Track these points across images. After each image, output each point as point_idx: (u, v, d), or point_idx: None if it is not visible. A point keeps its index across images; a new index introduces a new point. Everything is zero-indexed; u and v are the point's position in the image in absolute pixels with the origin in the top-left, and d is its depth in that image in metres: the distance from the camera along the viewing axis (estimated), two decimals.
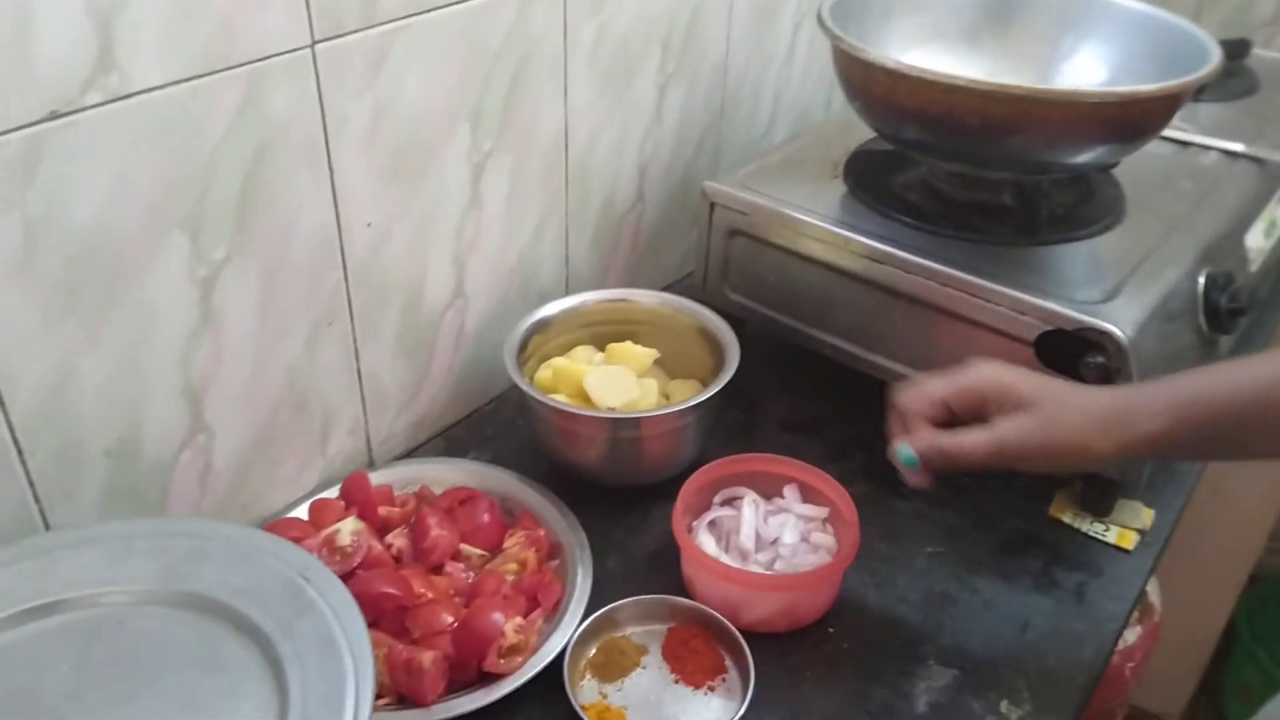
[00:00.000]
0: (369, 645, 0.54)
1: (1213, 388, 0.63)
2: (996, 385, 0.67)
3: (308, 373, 0.79)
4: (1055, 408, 0.65)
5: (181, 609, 0.57)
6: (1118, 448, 0.63)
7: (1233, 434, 0.63)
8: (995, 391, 0.67)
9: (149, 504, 0.72)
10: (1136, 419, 0.63)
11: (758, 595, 0.74)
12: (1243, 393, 0.62)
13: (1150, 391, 0.65)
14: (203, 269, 0.69)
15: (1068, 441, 0.64)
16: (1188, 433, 0.63)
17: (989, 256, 0.87)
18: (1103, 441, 0.63)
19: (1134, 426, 0.63)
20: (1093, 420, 0.64)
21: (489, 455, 0.92)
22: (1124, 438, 0.63)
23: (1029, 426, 0.65)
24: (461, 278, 0.89)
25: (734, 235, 0.97)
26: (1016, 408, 0.65)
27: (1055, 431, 0.64)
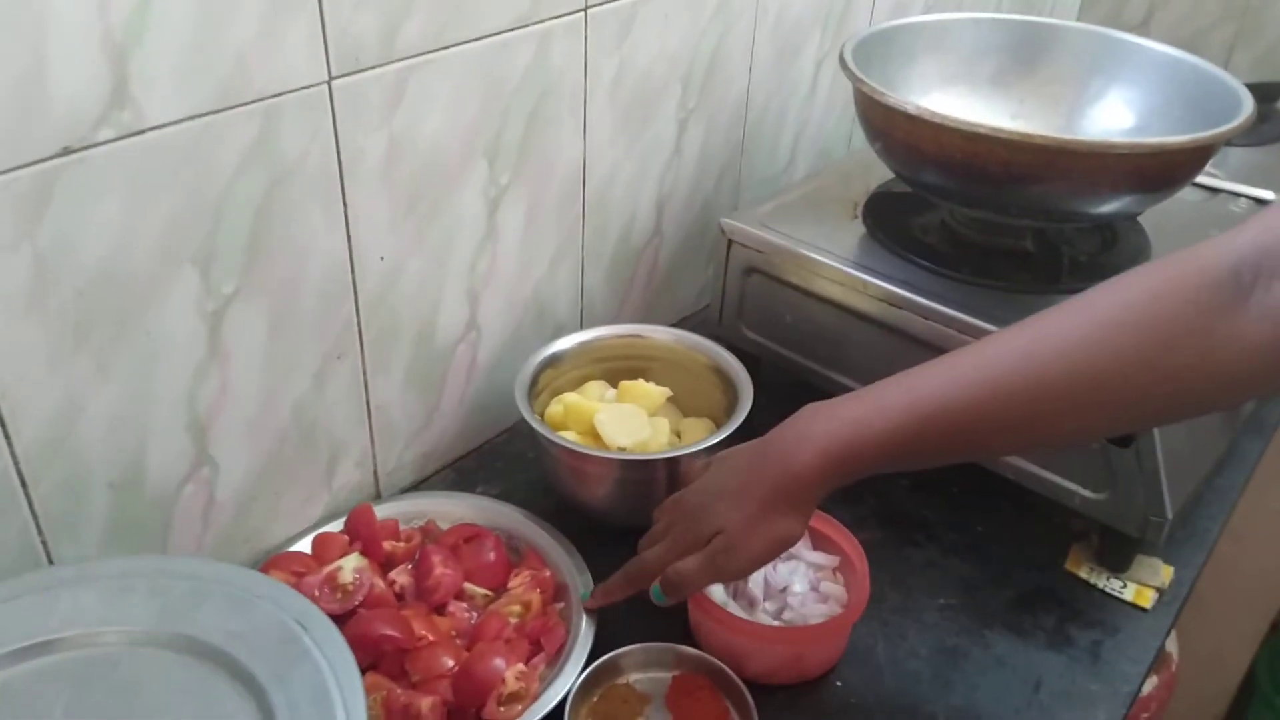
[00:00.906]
0: (363, 701, 0.53)
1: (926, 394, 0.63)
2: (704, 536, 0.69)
3: (315, 406, 0.79)
4: (742, 529, 0.67)
5: (176, 652, 0.57)
6: (806, 515, 0.67)
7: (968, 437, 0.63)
8: (704, 538, 0.69)
9: (152, 537, 0.72)
10: (808, 486, 0.66)
11: (765, 647, 0.73)
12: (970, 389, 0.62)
13: (818, 435, 0.65)
14: (212, 303, 0.68)
15: (768, 545, 0.67)
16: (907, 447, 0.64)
17: (1009, 304, 0.85)
18: (790, 521, 0.67)
19: (812, 491, 0.66)
20: (774, 513, 0.66)
21: (498, 489, 0.91)
22: (807, 505, 0.67)
23: (729, 549, 0.67)
24: (475, 311, 0.89)
25: (751, 273, 0.96)
26: (718, 536, 0.68)
27: (752, 546, 0.67)
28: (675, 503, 0.73)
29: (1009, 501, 0.91)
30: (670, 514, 0.73)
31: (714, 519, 0.68)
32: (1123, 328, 0.59)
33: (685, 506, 0.72)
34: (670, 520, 0.72)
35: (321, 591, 0.73)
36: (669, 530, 0.72)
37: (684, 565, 0.69)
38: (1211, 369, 0.57)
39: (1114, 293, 0.61)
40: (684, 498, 0.72)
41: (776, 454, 0.67)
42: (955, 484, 0.93)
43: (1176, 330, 0.57)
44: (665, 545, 0.71)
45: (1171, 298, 0.58)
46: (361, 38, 0.70)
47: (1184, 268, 0.58)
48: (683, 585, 0.69)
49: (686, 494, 0.72)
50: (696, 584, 0.69)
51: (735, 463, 0.71)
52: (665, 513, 0.73)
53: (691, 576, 0.69)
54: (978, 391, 0.62)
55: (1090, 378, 0.59)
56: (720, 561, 0.67)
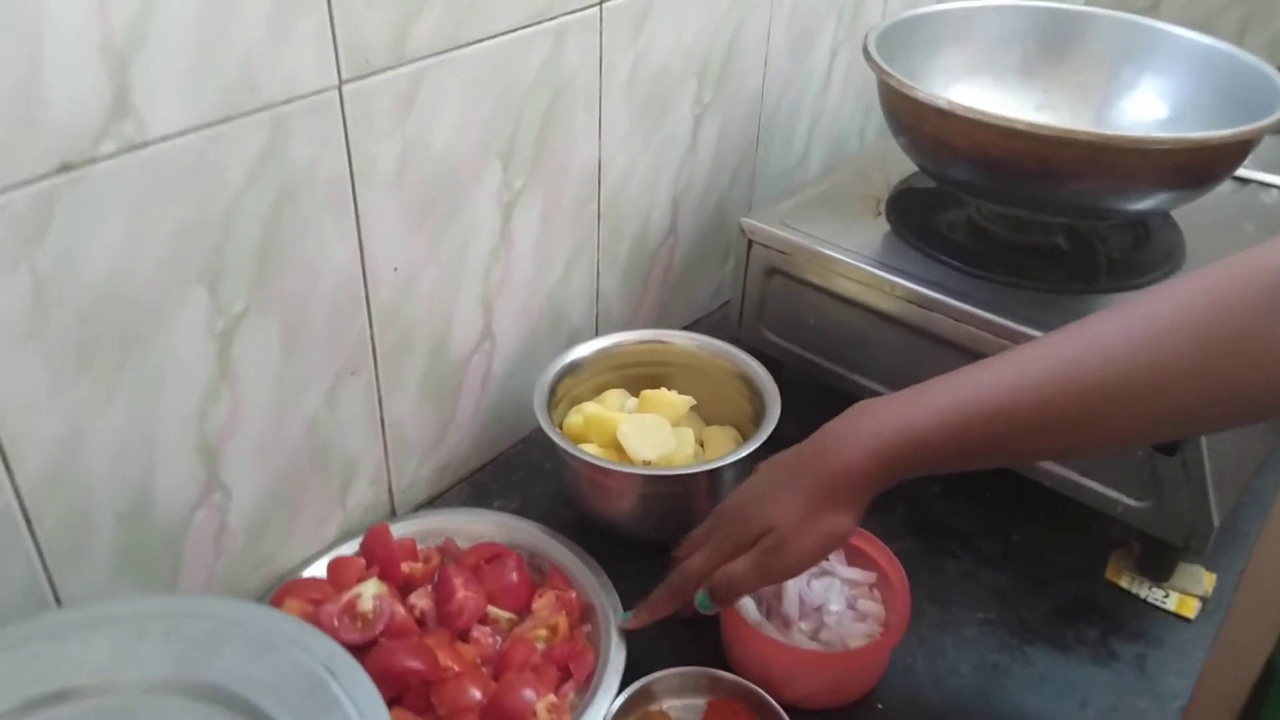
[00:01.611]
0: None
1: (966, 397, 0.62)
2: (752, 536, 0.67)
3: (328, 423, 0.75)
4: (795, 526, 0.65)
5: (196, 700, 0.53)
6: (860, 512, 0.65)
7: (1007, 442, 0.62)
8: (753, 537, 0.66)
9: (161, 567, 0.68)
10: (863, 480, 0.64)
11: (804, 671, 0.70)
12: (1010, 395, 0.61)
13: (873, 431, 0.64)
14: (221, 322, 0.65)
15: (821, 543, 0.65)
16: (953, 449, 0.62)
17: (1042, 304, 0.82)
18: (844, 518, 0.65)
19: (867, 486, 0.64)
20: (827, 510, 0.64)
21: (516, 503, 0.88)
22: (861, 501, 0.65)
23: (781, 548, 0.65)
24: (489, 319, 0.85)
25: (772, 274, 0.93)
26: (767, 535, 0.65)
27: (805, 545, 0.65)
28: (717, 511, 0.71)
29: (1043, 508, 0.88)
30: (712, 520, 0.71)
31: (761, 518, 0.66)
32: (1176, 333, 0.57)
33: (729, 509, 0.70)
34: (713, 525, 0.70)
35: (341, 621, 0.69)
36: (711, 535, 0.70)
37: (733, 568, 0.66)
38: (1268, 375, 0.55)
39: (1165, 298, 0.59)
40: (727, 503, 0.70)
41: (826, 450, 0.65)
42: (988, 490, 0.90)
43: (1231, 335, 0.55)
44: (709, 550, 0.69)
45: (1226, 304, 0.56)
46: (372, 39, 0.66)
47: (1236, 272, 0.57)
48: (733, 589, 0.67)
49: (729, 499, 0.70)
50: (747, 586, 0.67)
51: (781, 461, 0.68)
52: (706, 521, 0.71)
53: (741, 578, 0.66)
54: (1026, 396, 0.60)
55: (1142, 383, 0.57)
56: (770, 560, 0.65)
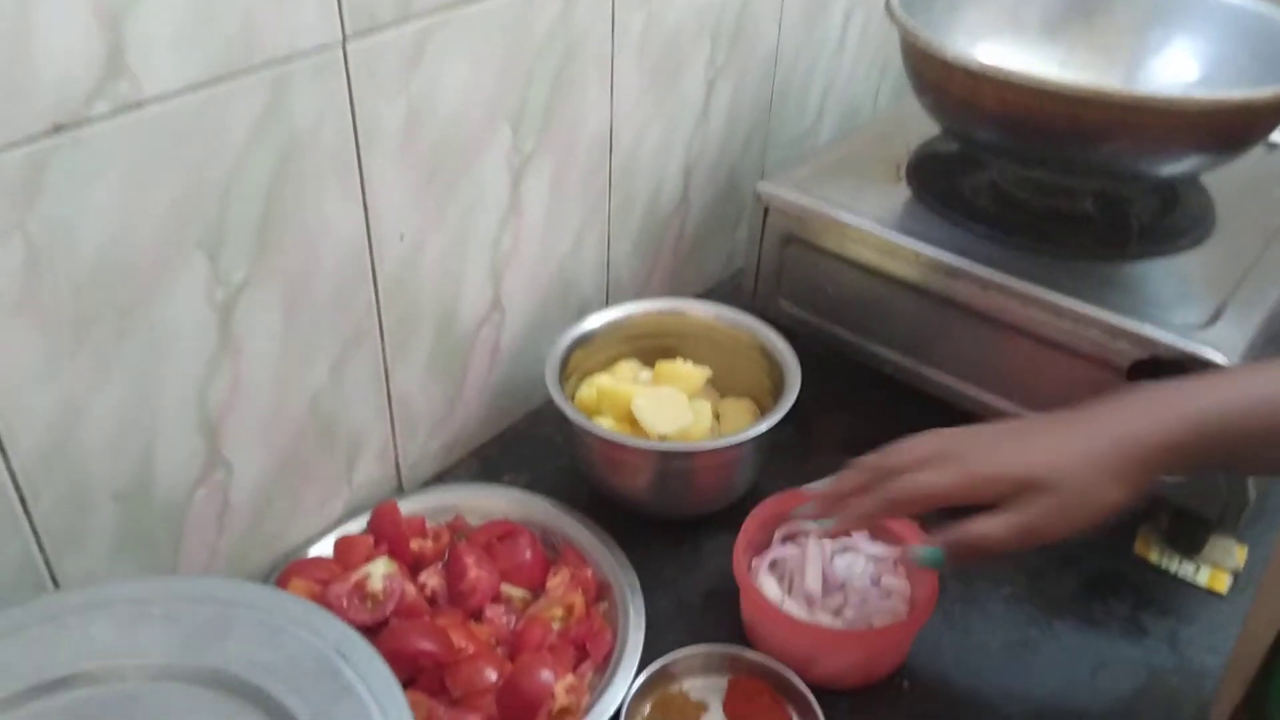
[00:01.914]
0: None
1: (1227, 400, 0.58)
2: (1010, 478, 0.59)
3: (334, 398, 0.73)
4: (1072, 484, 0.58)
5: (203, 686, 0.51)
6: (1137, 491, 0.58)
7: (1255, 449, 0.58)
8: (1010, 483, 0.59)
9: (162, 547, 0.66)
10: (1149, 454, 0.58)
11: (831, 652, 0.68)
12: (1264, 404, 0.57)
13: (1155, 412, 0.59)
14: (222, 292, 0.62)
15: (1093, 513, 0.58)
16: (1203, 451, 0.58)
17: (1071, 271, 0.80)
18: (1122, 490, 0.58)
19: (1148, 464, 0.58)
20: (1108, 475, 0.58)
21: (526, 478, 0.86)
22: (1140, 479, 0.58)
23: (1052, 508, 0.58)
24: (499, 290, 0.82)
25: (789, 242, 0.90)
26: (1033, 490, 0.58)
27: (1078, 510, 0.58)
28: (953, 434, 0.62)
29: None
30: (943, 442, 0.62)
31: (1027, 467, 0.58)
32: None
33: (978, 441, 0.61)
34: (944, 449, 0.61)
35: (350, 601, 0.67)
36: (944, 460, 0.61)
37: (988, 528, 0.58)
38: None
39: None
40: (971, 434, 0.62)
41: (1133, 411, 0.59)
42: None
43: None
44: (946, 479, 0.60)
45: None
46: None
47: None
48: (980, 551, 0.59)
49: (975, 431, 0.62)
50: (996, 550, 0.59)
51: (1060, 415, 0.61)
52: (928, 439, 0.63)
53: (996, 542, 0.58)
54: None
55: None
56: (1038, 524, 0.57)
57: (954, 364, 0.84)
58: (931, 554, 0.63)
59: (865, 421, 0.92)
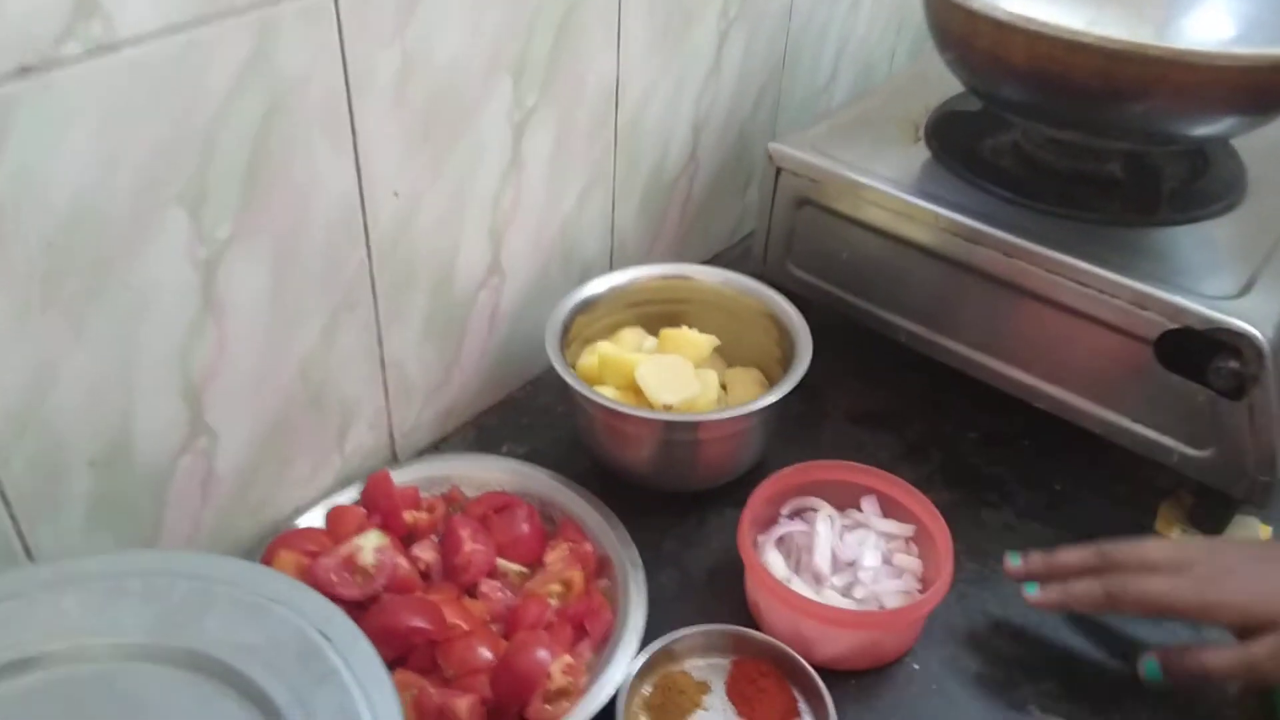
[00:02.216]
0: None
1: None
2: (1245, 611, 0.59)
3: (324, 363, 0.69)
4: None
5: (179, 668, 0.48)
6: None
7: None
8: (1244, 616, 0.59)
9: (142, 517, 0.63)
10: None
11: (836, 632, 0.65)
12: None
13: None
14: (204, 250, 0.58)
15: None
16: None
17: (1097, 238, 0.76)
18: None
19: None
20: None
21: (525, 448, 0.83)
22: None
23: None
24: (498, 252, 0.79)
25: (802, 205, 0.86)
26: (1270, 630, 0.58)
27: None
28: (1194, 546, 0.64)
29: (1088, 456, 0.83)
30: (1177, 552, 0.63)
31: (1268, 603, 0.58)
32: None
33: (1216, 559, 0.61)
34: (1180, 559, 0.62)
35: (340, 575, 0.64)
36: (1175, 568, 0.61)
37: (1213, 659, 0.59)
38: None
39: None
40: (1209, 546, 0.64)
41: None
42: (1028, 437, 0.85)
43: None
44: (1171, 585, 0.60)
45: None
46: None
47: None
48: (1199, 676, 0.61)
49: (1214, 545, 0.64)
50: (1225, 680, 0.61)
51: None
52: (1164, 546, 0.64)
53: (1217, 673, 0.60)
54: None
55: None
56: (1272, 666, 0.57)
57: (972, 334, 0.81)
58: (1150, 669, 0.63)
59: (878, 393, 0.90)
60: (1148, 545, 0.64)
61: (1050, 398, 0.78)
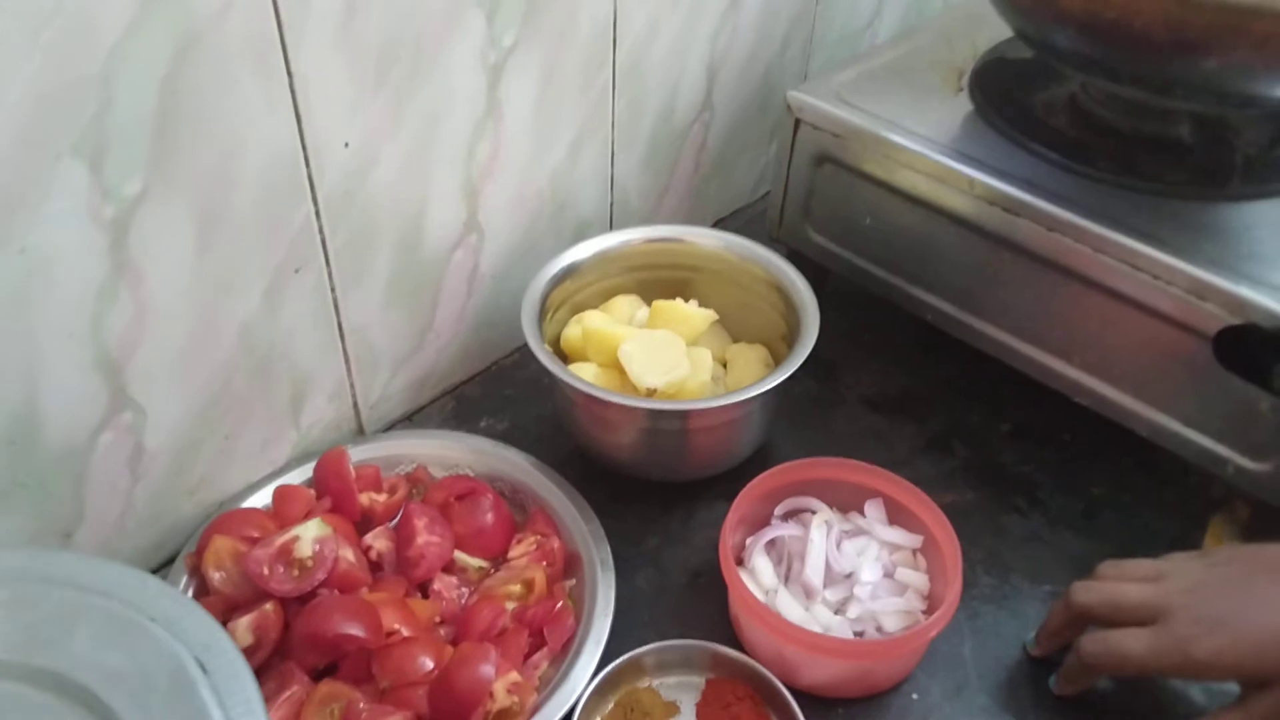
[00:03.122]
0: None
1: None
2: (1232, 670, 0.53)
3: (269, 330, 0.63)
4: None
5: (34, 688, 0.42)
6: None
7: None
8: (1232, 675, 0.53)
9: (60, 497, 0.57)
10: None
11: (823, 658, 0.58)
12: None
13: None
14: (110, 208, 0.52)
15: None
16: None
17: (1156, 212, 0.66)
18: None
19: None
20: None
21: (505, 423, 0.76)
22: None
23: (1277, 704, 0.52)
24: (474, 208, 0.71)
25: (823, 162, 0.77)
26: (1265, 688, 0.52)
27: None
28: (1172, 586, 0.55)
29: (1134, 459, 0.73)
30: (1154, 596, 0.55)
31: (1257, 658, 0.51)
32: None
33: (1197, 599, 0.54)
34: (1157, 604, 0.54)
35: (272, 569, 0.58)
36: (1152, 614, 0.54)
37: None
38: None
39: None
40: (1189, 581, 0.55)
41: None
42: (1068, 432, 0.76)
43: None
44: (1142, 643, 0.54)
45: None
46: None
47: None
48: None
49: (1196, 579, 0.55)
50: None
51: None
52: (1139, 591, 0.56)
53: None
54: None
55: None
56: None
57: (1007, 317, 0.71)
58: None
59: (899, 377, 0.81)
60: (1122, 585, 0.57)
61: (1092, 393, 0.69)
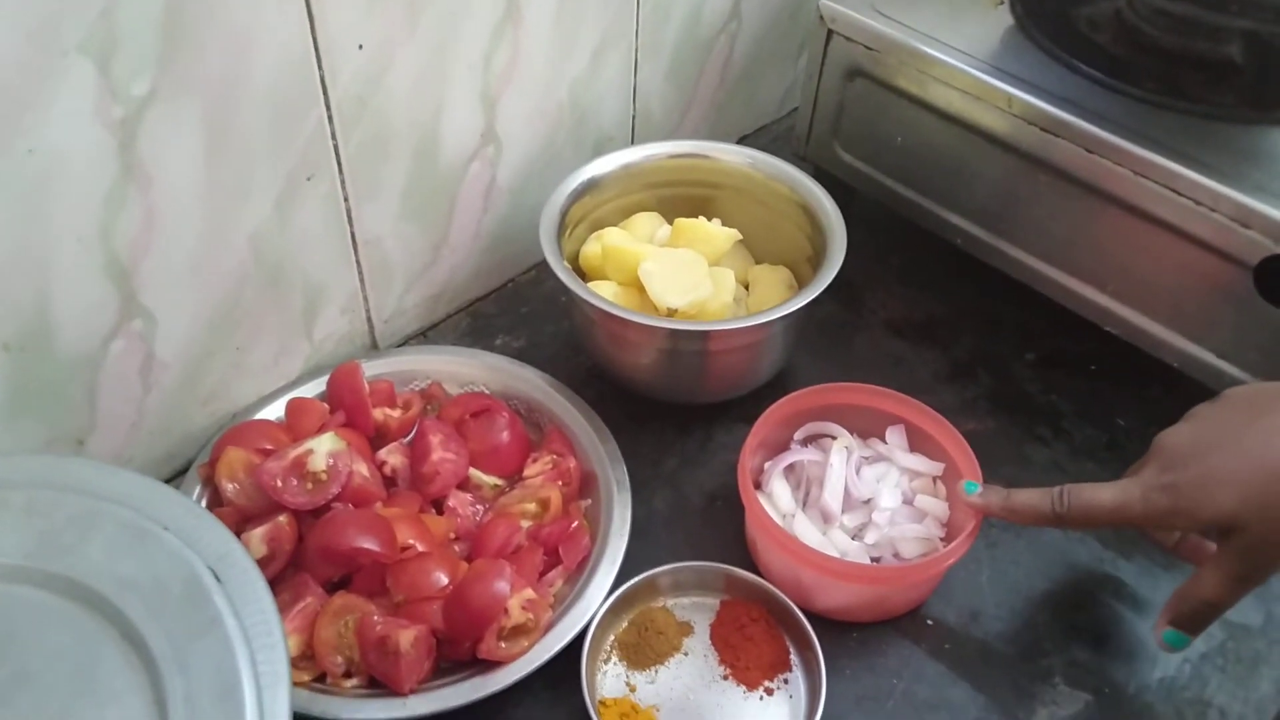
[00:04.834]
0: (286, 703, 0.38)
1: None
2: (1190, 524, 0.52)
3: (281, 240, 0.61)
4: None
5: (53, 595, 0.42)
6: None
7: None
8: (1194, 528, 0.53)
9: (72, 405, 0.57)
10: None
11: (839, 583, 0.57)
12: None
13: None
14: (119, 109, 0.50)
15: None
16: None
17: (1200, 135, 0.63)
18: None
19: None
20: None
21: (522, 341, 0.75)
22: None
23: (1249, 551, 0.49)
24: (492, 118, 0.69)
25: (854, 76, 0.74)
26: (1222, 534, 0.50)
27: None
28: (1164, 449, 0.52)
29: (1163, 389, 0.72)
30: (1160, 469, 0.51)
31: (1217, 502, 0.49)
32: None
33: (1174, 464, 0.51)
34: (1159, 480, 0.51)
35: (286, 482, 0.58)
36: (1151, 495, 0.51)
37: (1202, 590, 0.51)
38: None
39: None
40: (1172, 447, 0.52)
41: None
42: (1095, 361, 0.74)
43: None
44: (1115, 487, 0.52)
45: None
46: None
47: None
48: (1206, 617, 0.52)
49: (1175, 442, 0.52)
50: (1224, 608, 0.52)
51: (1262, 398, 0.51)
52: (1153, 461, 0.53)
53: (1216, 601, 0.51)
54: None
55: None
56: (1251, 574, 0.50)
57: (1040, 242, 0.69)
58: (1173, 638, 0.53)
59: (925, 302, 0.79)
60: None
61: (1123, 322, 0.67)
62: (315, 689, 0.53)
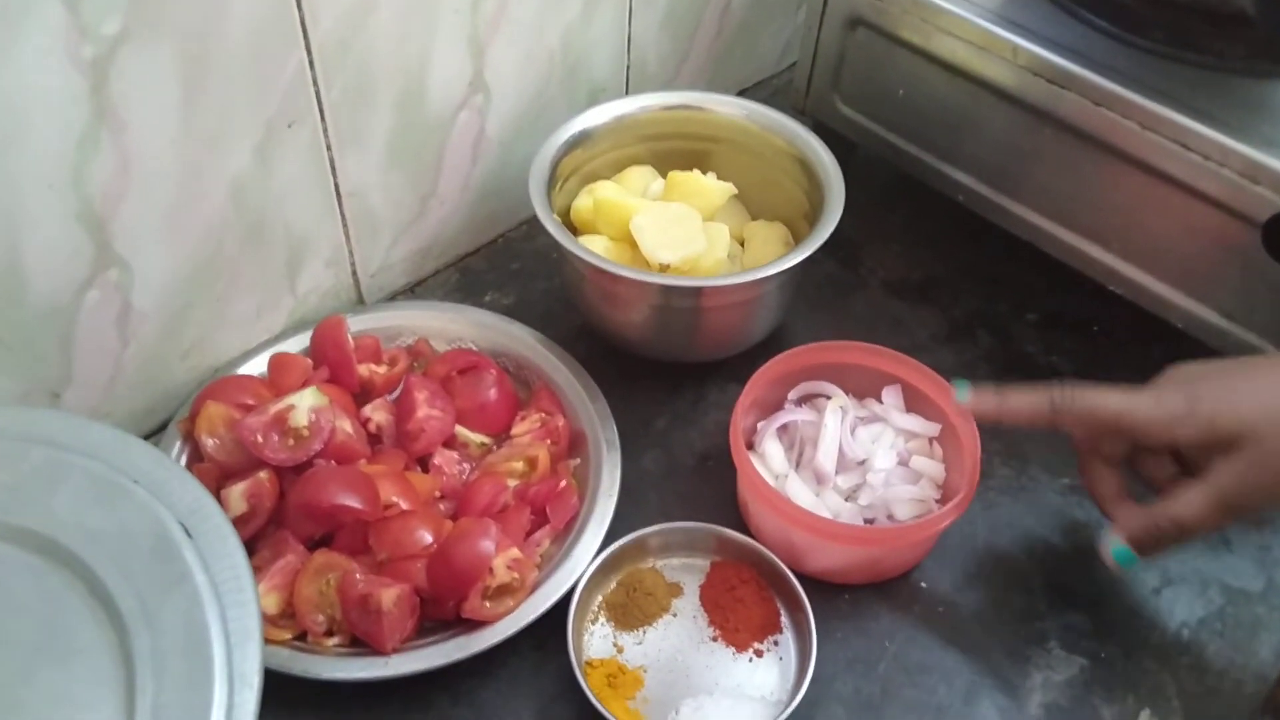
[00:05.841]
0: (258, 661, 0.37)
1: None
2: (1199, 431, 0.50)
3: (261, 189, 0.60)
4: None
5: (18, 548, 0.41)
6: None
7: None
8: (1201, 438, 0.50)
9: (46, 355, 0.55)
10: None
11: (831, 545, 0.56)
12: None
13: None
14: (89, 48, 0.48)
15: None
16: None
17: (1210, 88, 0.61)
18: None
19: None
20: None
21: (512, 297, 0.73)
22: None
23: (1252, 469, 0.48)
24: (480, 66, 0.67)
25: (856, 26, 0.72)
26: (1228, 448, 0.48)
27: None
28: (1178, 377, 0.52)
29: (1167, 352, 0.69)
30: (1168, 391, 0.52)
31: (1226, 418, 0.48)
32: None
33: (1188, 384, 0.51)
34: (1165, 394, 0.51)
35: (267, 437, 0.57)
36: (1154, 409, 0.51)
37: (1180, 509, 0.50)
38: None
39: None
40: (1185, 376, 0.52)
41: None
42: (1097, 322, 0.73)
43: None
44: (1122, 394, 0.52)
45: None
46: None
47: None
48: (1175, 537, 0.51)
49: (1189, 372, 0.52)
50: (1198, 533, 0.50)
51: None
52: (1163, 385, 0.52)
53: (1193, 523, 0.50)
54: None
55: None
56: (1238, 497, 0.49)
57: (1045, 198, 0.67)
58: (1124, 555, 0.52)
59: (925, 260, 0.77)
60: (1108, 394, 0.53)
61: (1128, 281, 0.65)
62: (296, 647, 0.52)
